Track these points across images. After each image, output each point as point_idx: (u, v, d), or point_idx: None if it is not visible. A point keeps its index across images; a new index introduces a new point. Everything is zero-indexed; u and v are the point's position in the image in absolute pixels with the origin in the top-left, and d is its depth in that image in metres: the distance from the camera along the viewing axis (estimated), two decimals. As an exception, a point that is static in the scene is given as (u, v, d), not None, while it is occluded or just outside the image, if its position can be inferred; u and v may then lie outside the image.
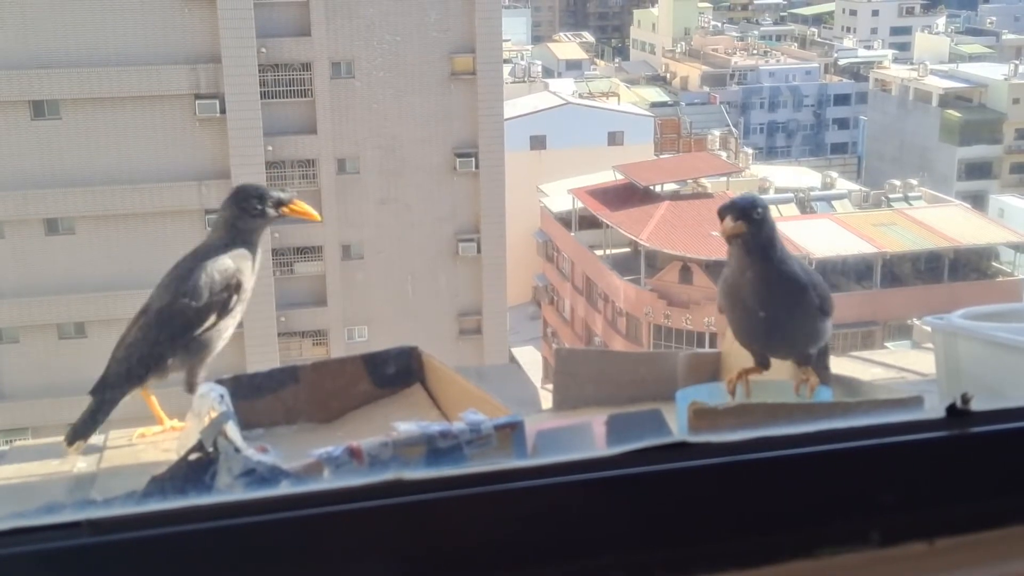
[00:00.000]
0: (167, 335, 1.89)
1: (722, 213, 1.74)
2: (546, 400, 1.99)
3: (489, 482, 0.91)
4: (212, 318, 1.88)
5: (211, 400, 1.52)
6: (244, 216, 1.96)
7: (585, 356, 1.95)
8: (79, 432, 1.86)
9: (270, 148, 18.67)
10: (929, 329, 1.63)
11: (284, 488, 1.14)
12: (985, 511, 1.04)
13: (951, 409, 1.05)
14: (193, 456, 1.40)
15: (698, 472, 0.97)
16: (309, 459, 1.28)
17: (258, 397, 1.72)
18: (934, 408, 1.12)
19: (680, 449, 0.96)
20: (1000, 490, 1.05)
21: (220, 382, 1.63)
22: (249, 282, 1.92)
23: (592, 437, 1.49)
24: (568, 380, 1.90)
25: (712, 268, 22.99)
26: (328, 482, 1.13)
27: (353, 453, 1.28)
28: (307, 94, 18.87)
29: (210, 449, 1.38)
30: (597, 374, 1.93)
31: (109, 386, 1.90)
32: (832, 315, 1.73)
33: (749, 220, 1.70)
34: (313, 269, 19.39)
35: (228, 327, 1.90)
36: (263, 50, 18.28)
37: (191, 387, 1.86)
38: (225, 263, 1.90)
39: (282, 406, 1.73)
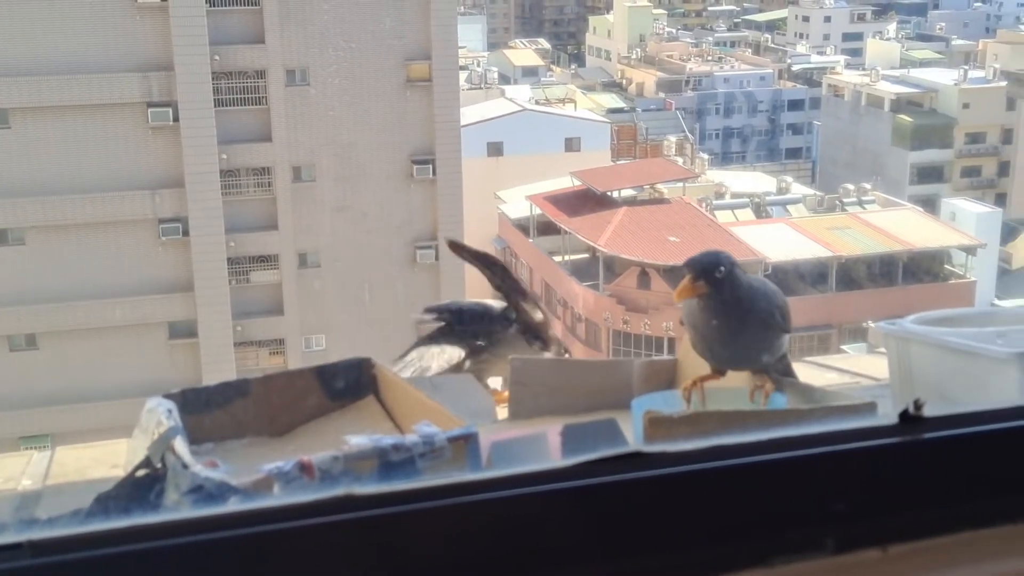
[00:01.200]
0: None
1: (684, 270, 1.68)
2: (502, 411, 1.96)
3: (442, 496, 0.89)
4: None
5: (159, 415, 1.48)
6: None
7: (540, 365, 1.92)
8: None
9: (224, 156, 18.55)
10: (882, 333, 1.61)
11: (233, 505, 1.12)
12: (938, 517, 1.03)
13: (904, 415, 1.04)
14: (140, 473, 1.36)
15: (652, 482, 0.96)
16: (259, 474, 1.25)
17: (207, 411, 1.67)
18: (888, 414, 1.11)
19: (634, 459, 0.95)
20: (952, 496, 1.04)
21: (168, 396, 1.58)
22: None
23: (547, 447, 1.46)
24: (523, 390, 1.87)
25: (670, 273, 23.08)
26: (278, 498, 1.10)
27: (304, 468, 1.26)
28: (261, 102, 18.77)
29: (158, 465, 1.35)
30: (552, 383, 1.89)
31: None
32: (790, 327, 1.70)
33: (711, 280, 1.63)
34: (269, 278, 19.28)
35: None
36: (216, 57, 18.16)
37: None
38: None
39: (232, 420, 1.68)
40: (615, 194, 25.72)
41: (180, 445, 1.36)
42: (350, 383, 1.74)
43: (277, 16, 18.43)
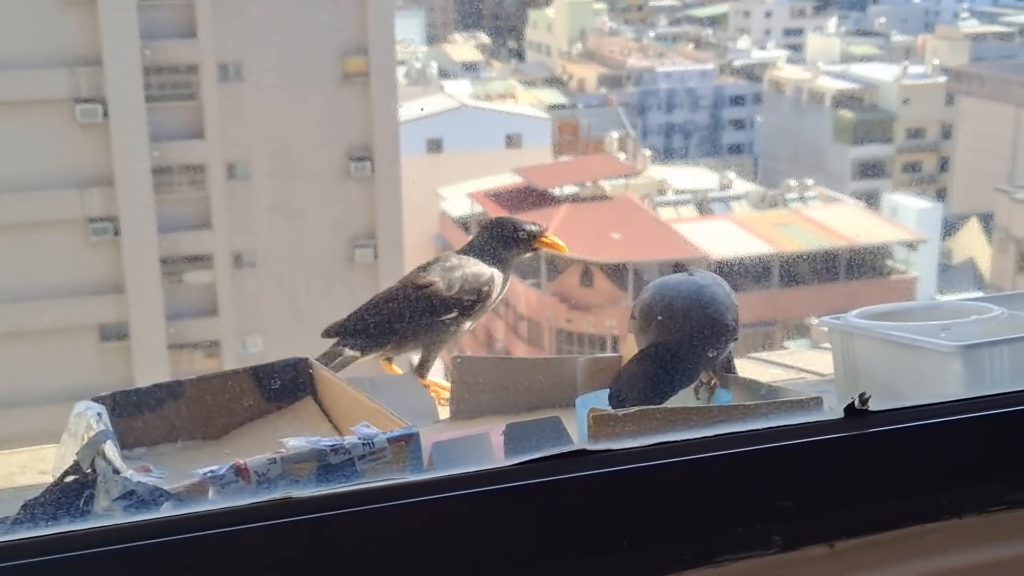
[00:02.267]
0: (414, 312, 1.99)
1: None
2: (444, 410, 1.92)
3: (381, 498, 0.91)
4: (455, 312, 1.97)
5: (88, 419, 1.44)
6: (500, 245, 2.09)
7: (483, 364, 1.89)
8: None
9: (156, 154, 18.37)
10: (826, 329, 1.60)
11: (166, 511, 1.11)
12: (884, 512, 1.06)
13: (849, 410, 1.04)
14: (69, 478, 1.32)
15: (597, 481, 0.99)
16: (193, 479, 1.22)
17: (139, 414, 1.63)
18: (833, 409, 1.10)
19: (579, 458, 0.97)
20: (898, 490, 1.08)
21: (98, 399, 1.54)
22: (493, 297, 2.04)
23: (490, 447, 1.42)
24: (465, 389, 1.84)
25: (613, 271, 23.21)
26: (213, 503, 1.10)
27: (239, 471, 1.22)
28: (194, 97, 18.61)
29: (87, 471, 1.31)
30: (495, 382, 1.87)
31: (349, 336, 1.99)
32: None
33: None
34: (203, 278, 19.14)
35: (463, 328, 2.01)
36: (147, 52, 17.97)
37: (423, 372, 1.97)
38: (484, 269, 2.03)
39: (165, 423, 1.64)
40: (557, 191, 25.82)
41: (111, 449, 1.32)
42: (287, 384, 1.70)
43: (209, 10, 18.27)
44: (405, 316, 2.01)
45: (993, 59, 39.89)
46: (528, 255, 2.16)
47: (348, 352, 1.96)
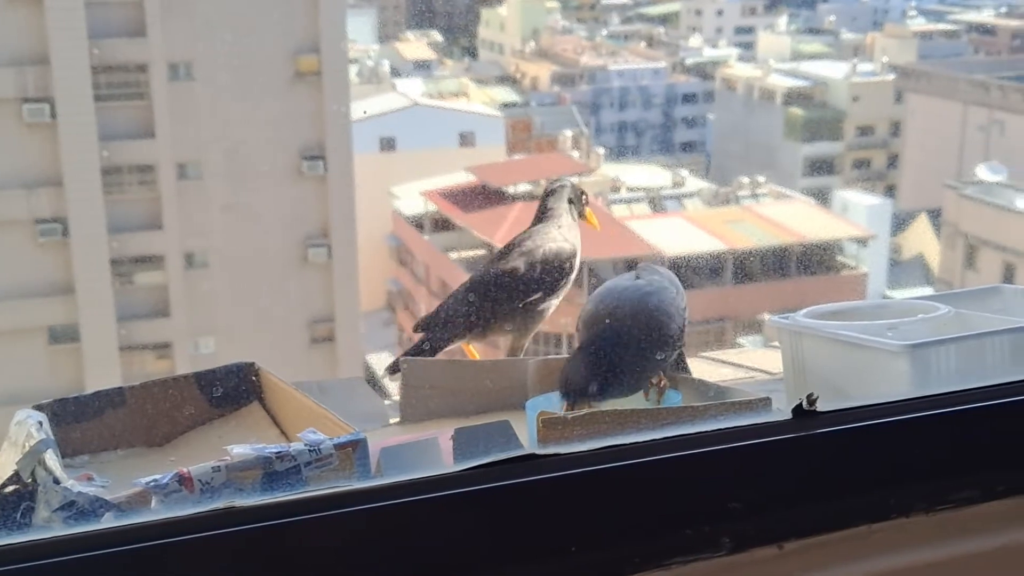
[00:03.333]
0: (499, 298, 2.02)
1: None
2: (394, 413, 1.90)
3: (327, 506, 0.88)
4: (540, 293, 2.02)
5: (28, 427, 1.42)
6: (568, 211, 2.12)
7: (431, 367, 1.87)
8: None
9: (106, 154, 18.16)
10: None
11: (108, 521, 1.09)
12: (832, 512, 1.06)
13: (797, 410, 1.04)
14: (8, 489, 1.30)
15: (545, 485, 0.98)
16: (135, 488, 1.20)
17: (81, 422, 1.60)
18: (782, 409, 1.10)
19: (527, 462, 0.96)
20: (846, 490, 1.08)
21: (39, 407, 1.51)
22: (575, 270, 2.07)
23: (438, 452, 1.41)
24: (414, 392, 1.82)
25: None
26: (156, 512, 1.08)
27: (183, 480, 1.20)
28: (144, 97, 18.42)
29: (28, 481, 1.28)
30: (444, 385, 1.85)
31: (438, 329, 1.99)
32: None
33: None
34: (154, 279, 18.96)
35: (551, 307, 2.05)
36: (96, 51, 17.76)
37: (516, 354, 1.99)
38: (563, 245, 2.06)
39: (107, 431, 1.61)
40: (511, 189, 25.81)
41: (51, 459, 1.29)
42: (232, 389, 1.67)
43: (159, 9, 18.09)
44: (491, 303, 2.03)
45: (940, 57, 40.39)
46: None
47: (438, 343, 1.97)
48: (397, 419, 1.83)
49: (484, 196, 24.97)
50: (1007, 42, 42.38)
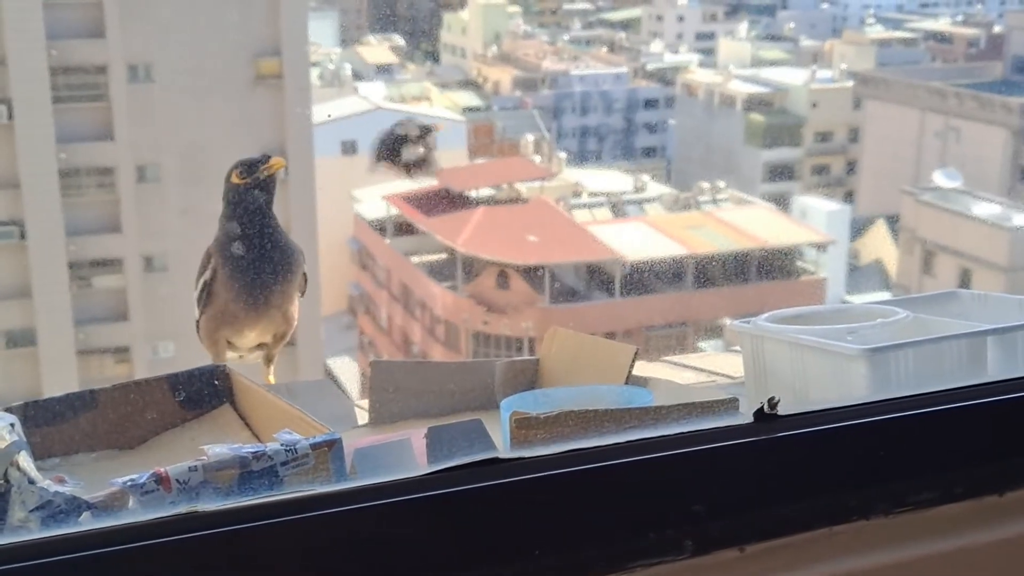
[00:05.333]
0: None
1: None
2: (361, 415, 1.90)
3: (295, 510, 0.89)
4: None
5: (0, 429, 1.41)
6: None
7: (402, 368, 1.88)
8: None
9: (63, 156, 17.99)
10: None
11: (85, 521, 1.09)
12: (794, 515, 1.07)
13: (758, 414, 1.05)
14: None
15: (510, 489, 0.98)
16: (112, 488, 1.19)
17: (53, 424, 1.59)
18: (743, 413, 1.11)
19: (494, 465, 0.97)
20: (808, 493, 1.09)
21: (10, 410, 1.50)
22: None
23: (411, 452, 1.41)
24: (384, 393, 1.83)
25: (529, 273, 23.25)
26: (133, 513, 1.08)
27: (160, 480, 1.19)
28: (102, 99, 18.26)
29: (1, 482, 1.27)
30: (414, 386, 1.86)
31: None
32: None
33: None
34: (113, 282, 18.80)
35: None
36: (53, 52, 17.60)
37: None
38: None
39: (80, 433, 1.60)
40: (473, 193, 25.82)
41: (25, 460, 1.28)
42: (204, 391, 1.68)
43: (118, 10, 17.94)
44: None
45: (898, 64, 40.80)
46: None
47: None
48: (366, 421, 1.84)
49: (446, 200, 24.95)
50: (963, 50, 42.88)
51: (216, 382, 1.68)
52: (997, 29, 42.24)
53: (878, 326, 1.49)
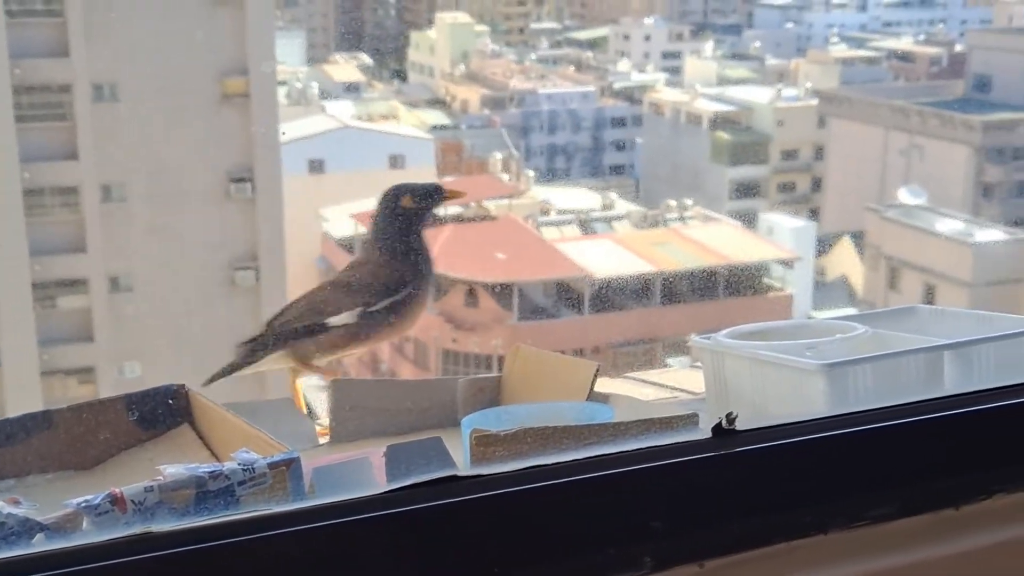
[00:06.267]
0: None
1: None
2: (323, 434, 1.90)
3: (252, 530, 0.87)
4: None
5: None
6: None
7: (361, 386, 1.87)
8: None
9: (27, 175, 17.87)
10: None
11: (39, 543, 1.08)
12: (753, 530, 1.07)
13: (717, 429, 1.06)
14: None
15: (467, 507, 0.97)
16: (67, 509, 1.17)
17: (7, 445, 1.58)
18: (703, 428, 1.12)
19: (452, 483, 0.96)
20: (766, 508, 1.09)
21: None
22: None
23: (371, 470, 1.41)
24: (344, 412, 1.82)
25: (498, 291, 23.25)
26: (87, 534, 1.06)
27: (115, 500, 1.18)
28: (67, 118, 18.14)
29: None
30: (374, 404, 1.86)
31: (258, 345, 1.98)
32: None
33: None
34: (78, 303, 18.64)
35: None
36: (17, 71, 17.48)
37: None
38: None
39: (34, 454, 1.59)
40: (441, 211, 25.76)
41: None
42: (162, 411, 1.67)
43: (82, 28, 17.84)
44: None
45: (862, 82, 41.18)
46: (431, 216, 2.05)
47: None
48: (327, 439, 1.83)
49: (414, 218, 24.87)
50: (925, 68, 43.34)
51: (175, 402, 1.67)
52: (958, 48, 42.74)
53: (837, 341, 1.50)
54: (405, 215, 1.99)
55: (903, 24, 52.68)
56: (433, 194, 2.01)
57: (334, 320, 1.95)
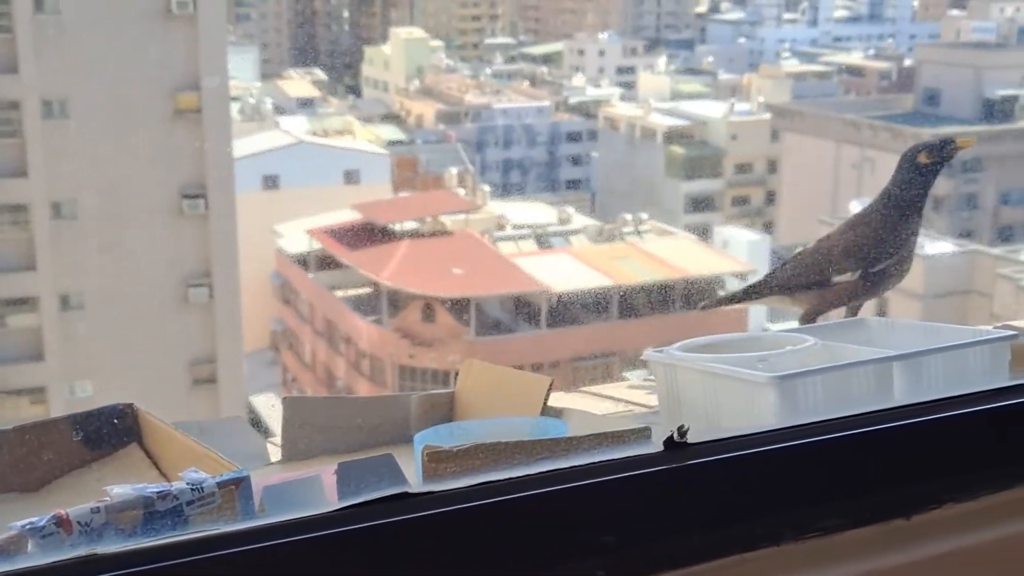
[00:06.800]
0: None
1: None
2: (275, 452, 1.87)
3: (201, 549, 0.86)
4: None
5: None
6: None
7: (313, 404, 1.86)
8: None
9: (-25, 193, 17.66)
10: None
11: None
12: (704, 542, 1.07)
13: (668, 442, 1.05)
14: None
15: (419, 524, 0.96)
16: (11, 532, 1.15)
17: None
18: (655, 442, 1.12)
19: (404, 500, 0.95)
20: (717, 520, 1.08)
21: None
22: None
23: (321, 489, 1.39)
24: (296, 430, 1.80)
25: (455, 306, 23.21)
26: (31, 557, 1.05)
27: (60, 522, 1.16)
28: (16, 135, 17.94)
29: None
30: (327, 422, 1.84)
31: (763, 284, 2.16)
32: None
33: None
34: (28, 321, 18.42)
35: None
36: (-35, 87, 17.31)
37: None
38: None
39: None
40: (397, 227, 25.76)
41: None
42: (110, 431, 1.64)
43: (32, 44, 17.66)
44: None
45: (813, 97, 41.63)
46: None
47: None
48: (279, 458, 1.82)
49: (370, 234, 24.85)
50: (876, 83, 43.91)
51: (123, 421, 1.65)
52: (908, 62, 43.34)
53: (787, 354, 1.51)
54: (922, 172, 2.07)
55: (853, 39, 53.37)
56: (947, 146, 2.08)
57: (838, 278, 2.07)
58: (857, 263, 2.05)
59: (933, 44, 46.98)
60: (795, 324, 2.06)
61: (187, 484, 1.23)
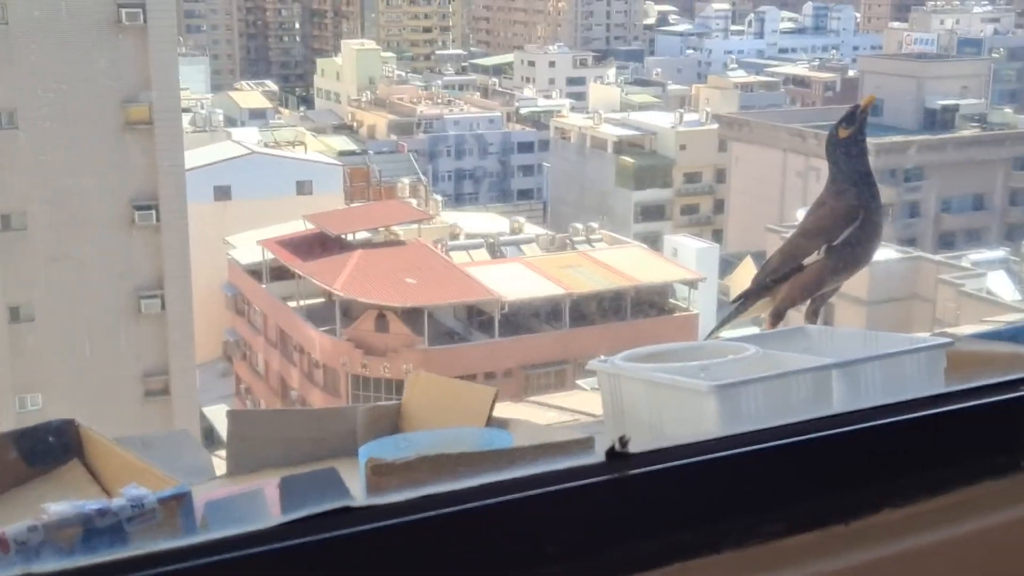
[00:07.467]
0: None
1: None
2: (221, 466, 1.86)
3: (141, 567, 0.84)
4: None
5: None
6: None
7: (259, 416, 1.85)
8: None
9: (-77, 204, 17.41)
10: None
11: None
12: (645, 551, 1.06)
13: (610, 452, 1.05)
14: None
15: (363, 537, 0.96)
16: None
17: None
18: (598, 452, 1.12)
19: (346, 514, 0.92)
20: (658, 529, 1.08)
21: None
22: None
23: (264, 503, 1.38)
24: (242, 443, 1.79)
25: (408, 315, 23.15)
26: None
27: None
28: (-36, 146, 17.70)
29: None
30: (273, 435, 1.82)
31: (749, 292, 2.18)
32: None
33: None
34: (-25, 334, 18.15)
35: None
36: (-88, 99, 17.06)
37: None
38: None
39: None
40: (350, 237, 25.66)
41: None
42: (51, 447, 1.63)
43: (-21, 55, 17.45)
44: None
45: (760, 107, 41.99)
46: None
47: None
48: (224, 471, 1.80)
49: (323, 244, 24.76)
50: (820, 93, 44.35)
51: (64, 437, 1.62)
52: (851, 73, 43.86)
53: (729, 362, 1.52)
54: (848, 144, 2.13)
55: (798, 50, 53.95)
56: (855, 113, 2.15)
57: (807, 260, 2.12)
58: (820, 240, 2.12)
59: (876, 55, 47.53)
60: (740, 332, 2.09)
61: (127, 500, 1.21)
